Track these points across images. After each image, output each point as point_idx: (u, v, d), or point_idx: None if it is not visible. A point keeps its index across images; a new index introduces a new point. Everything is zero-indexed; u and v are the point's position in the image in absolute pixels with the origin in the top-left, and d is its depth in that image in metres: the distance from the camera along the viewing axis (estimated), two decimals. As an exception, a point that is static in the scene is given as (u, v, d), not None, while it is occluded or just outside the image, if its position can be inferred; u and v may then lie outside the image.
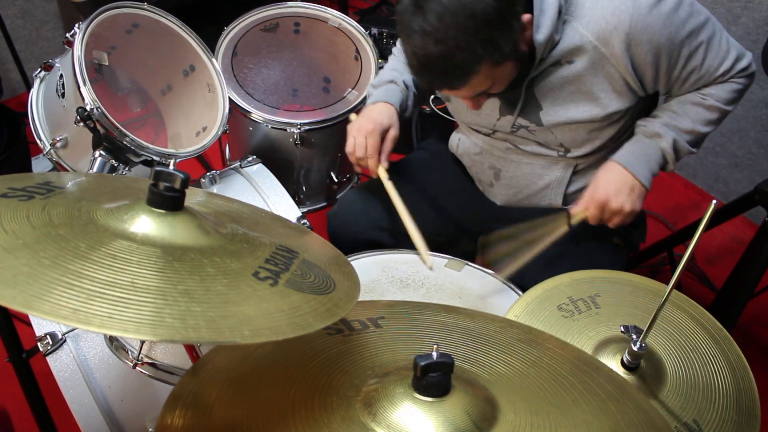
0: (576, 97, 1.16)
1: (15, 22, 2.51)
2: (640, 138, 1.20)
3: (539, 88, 1.17)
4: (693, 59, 1.12)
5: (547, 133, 1.22)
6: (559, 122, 1.19)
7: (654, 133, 1.18)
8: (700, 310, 0.99)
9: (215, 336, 0.54)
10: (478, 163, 1.39)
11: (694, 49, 1.11)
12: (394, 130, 1.29)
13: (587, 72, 1.12)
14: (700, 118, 1.19)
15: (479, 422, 0.64)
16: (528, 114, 1.21)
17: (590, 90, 1.14)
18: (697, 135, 1.20)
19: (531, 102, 1.19)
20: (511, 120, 1.24)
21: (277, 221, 0.93)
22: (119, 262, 0.59)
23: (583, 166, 1.29)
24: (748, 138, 2.18)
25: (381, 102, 1.33)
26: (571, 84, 1.15)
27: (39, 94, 1.44)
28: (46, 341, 1.18)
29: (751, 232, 1.52)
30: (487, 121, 1.28)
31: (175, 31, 1.50)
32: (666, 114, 1.20)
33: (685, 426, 0.81)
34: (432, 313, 0.86)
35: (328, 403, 0.67)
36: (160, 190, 0.67)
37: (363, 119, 1.30)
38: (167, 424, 0.63)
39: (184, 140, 1.59)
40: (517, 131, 1.25)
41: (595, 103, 1.15)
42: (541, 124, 1.21)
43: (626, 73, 1.11)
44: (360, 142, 1.28)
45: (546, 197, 1.33)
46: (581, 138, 1.21)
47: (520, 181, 1.33)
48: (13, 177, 0.73)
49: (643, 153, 1.17)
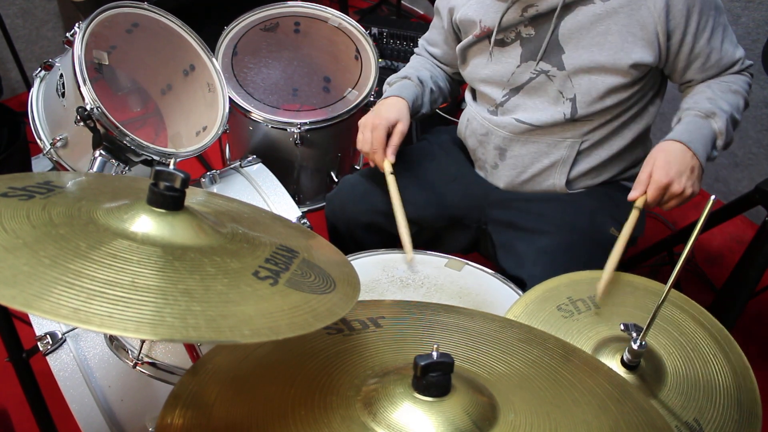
0: (602, 39, 1.16)
1: (15, 21, 2.51)
2: (693, 119, 1.17)
3: (565, 30, 1.19)
4: (716, 35, 1.16)
5: (565, 81, 1.23)
6: (582, 65, 1.19)
7: (709, 112, 1.15)
8: (700, 310, 0.99)
9: (215, 335, 0.54)
10: (484, 144, 1.40)
11: (717, 24, 1.16)
12: (401, 125, 1.31)
13: (623, 10, 1.13)
14: (735, 103, 1.19)
15: (479, 422, 0.64)
16: (550, 57, 1.22)
17: (619, 31, 1.15)
18: (735, 122, 1.19)
19: (554, 45, 1.21)
20: (532, 65, 1.25)
21: (277, 221, 0.93)
22: (119, 261, 0.58)
23: (587, 145, 1.29)
24: (748, 138, 2.18)
25: (392, 96, 1.35)
26: (601, 23, 1.15)
27: (39, 94, 1.44)
28: (46, 341, 1.18)
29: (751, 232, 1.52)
30: (506, 70, 1.29)
31: (175, 31, 1.50)
32: (704, 98, 1.18)
33: (686, 425, 0.81)
34: (432, 313, 0.86)
35: (328, 402, 0.67)
36: (161, 189, 0.67)
37: (371, 115, 1.32)
38: (167, 424, 0.63)
39: (184, 140, 1.59)
40: (537, 77, 1.25)
41: (621, 47, 1.16)
42: (563, 67, 1.21)
43: (659, 21, 1.12)
44: (366, 136, 1.30)
45: (550, 177, 1.34)
46: (596, 92, 1.21)
47: (525, 160, 1.34)
48: (13, 176, 0.73)
49: (700, 132, 1.14)
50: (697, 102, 1.19)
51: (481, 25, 1.28)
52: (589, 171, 1.33)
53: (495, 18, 1.25)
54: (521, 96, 1.30)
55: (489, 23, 1.27)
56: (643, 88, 1.24)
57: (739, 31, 2.05)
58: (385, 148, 1.29)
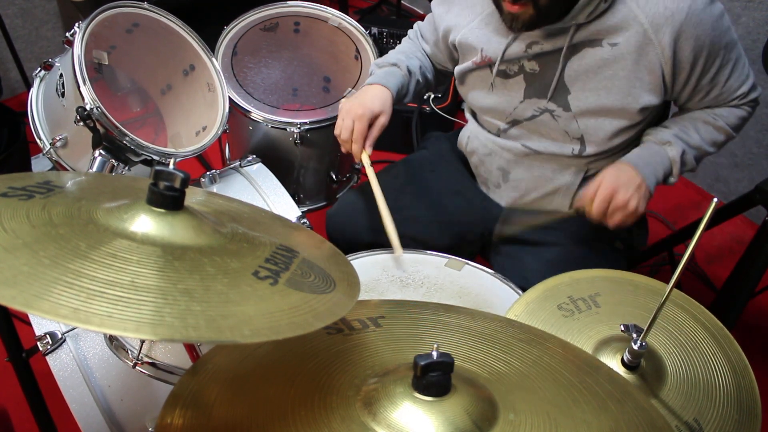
0: (609, 84, 1.14)
1: (15, 21, 2.51)
2: (649, 145, 1.20)
3: (571, 71, 1.16)
4: (722, 73, 1.15)
5: (571, 121, 1.21)
6: (589, 108, 1.18)
7: (664, 141, 1.18)
8: (701, 309, 0.99)
9: (215, 335, 0.54)
10: (486, 163, 1.38)
11: (725, 62, 1.13)
12: (384, 117, 1.27)
13: (630, 55, 1.11)
14: (708, 138, 1.21)
15: (479, 422, 0.64)
16: (556, 97, 1.20)
17: (627, 77, 1.13)
18: (702, 153, 1.21)
19: (561, 85, 1.18)
20: (536, 103, 1.22)
21: (277, 220, 0.93)
22: (119, 261, 0.58)
23: (593, 172, 1.28)
24: (748, 138, 2.18)
25: (378, 85, 1.31)
26: (608, 67, 1.13)
27: (39, 94, 1.44)
28: (46, 341, 1.18)
29: (752, 232, 1.52)
30: (509, 104, 1.26)
31: (175, 31, 1.50)
32: (676, 127, 1.20)
33: (686, 425, 0.81)
34: (432, 312, 0.86)
35: (328, 402, 0.67)
36: (160, 189, 0.67)
37: (355, 102, 1.28)
38: (167, 424, 0.63)
39: (183, 140, 1.59)
40: (540, 115, 1.23)
41: (628, 93, 1.14)
42: (569, 108, 1.19)
43: (667, 65, 1.11)
44: (347, 125, 1.26)
45: (553, 201, 1.32)
46: (603, 133, 1.20)
47: (529, 184, 1.33)
48: (13, 176, 0.73)
49: (651, 158, 1.17)
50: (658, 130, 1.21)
51: (483, 54, 1.24)
52: None
53: (498, 49, 1.21)
54: (525, 127, 1.28)
55: (491, 54, 1.23)
56: (649, 122, 1.24)
57: (740, 31, 2.05)
58: (365, 139, 1.27)
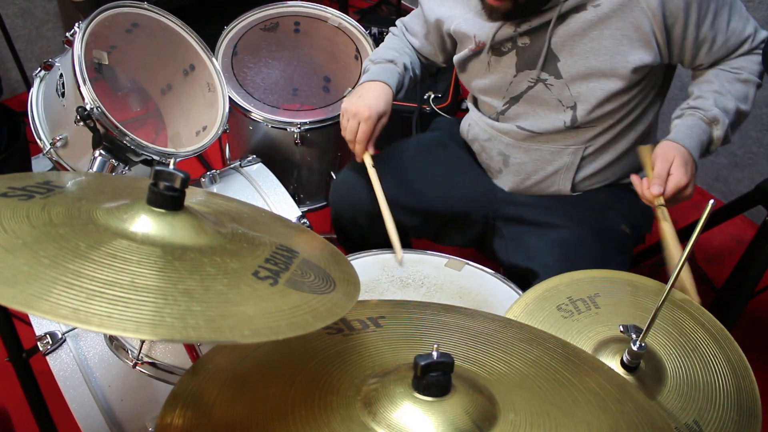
0: (596, 45, 1.14)
1: (15, 21, 2.51)
2: (697, 123, 1.16)
3: (558, 38, 1.17)
4: (720, 15, 1.12)
5: (563, 89, 1.21)
6: (579, 72, 1.18)
7: (713, 119, 1.15)
8: (701, 310, 0.99)
9: (215, 335, 0.54)
10: (487, 149, 1.39)
11: (721, 4, 1.11)
12: (385, 117, 1.30)
13: (614, 14, 1.10)
14: (741, 95, 1.17)
15: (479, 422, 0.64)
16: (547, 66, 1.21)
17: (613, 35, 1.12)
18: (740, 116, 1.18)
19: (549, 54, 1.19)
20: (528, 74, 1.23)
21: (277, 221, 0.93)
22: (119, 261, 0.58)
23: (591, 151, 1.29)
24: (748, 137, 2.18)
25: (379, 81, 1.32)
26: (594, 29, 1.13)
27: (39, 94, 1.44)
28: (46, 341, 1.18)
29: (752, 232, 1.51)
30: (503, 79, 1.27)
31: (175, 31, 1.50)
32: (712, 95, 1.17)
33: (686, 426, 0.81)
34: (432, 312, 0.86)
35: (328, 402, 0.67)
36: (160, 189, 0.67)
37: (359, 101, 1.29)
38: (167, 424, 0.63)
39: (184, 140, 1.59)
40: (535, 85, 1.24)
41: (616, 52, 1.13)
42: (560, 76, 1.20)
43: (655, 20, 1.09)
44: (352, 126, 1.28)
45: (554, 183, 1.33)
46: (595, 99, 1.20)
47: (529, 167, 1.33)
48: (13, 176, 0.73)
49: (699, 139, 1.14)
50: (703, 99, 1.17)
51: (476, 40, 1.27)
52: (594, 174, 1.32)
53: (489, 33, 1.24)
54: (521, 105, 1.29)
55: (483, 38, 1.25)
56: (644, 90, 1.23)
57: (739, 31, 2.05)
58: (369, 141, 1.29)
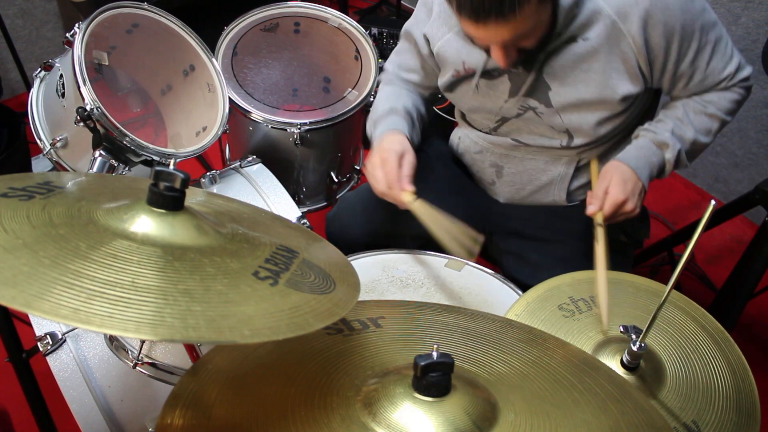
0: (586, 77, 1.15)
1: (15, 22, 2.51)
2: (647, 144, 1.19)
3: (549, 68, 1.16)
4: (701, 56, 1.14)
5: (554, 116, 1.21)
6: (569, 103, 1.18)
7: (663, 143, 1.19)
8: (701, 312, 0.99)
9: (215, 336, 0.54)
10: (478, 162, 1.38)
11: (703, 45, 1.13)
12: (409, 155, 1.21)
13: (602, 47, 1.12)
14: (702, 128, 1.21)
15: (479, 422, 0.64)
16: (537, 94, 1.20)
17: (603, 69, 1.13)
18: (697, 146, 1.22)
19: (540, 82, 1.19)
20: (519, 101, 1.22)
21: (277, 221, 0.93)
22: (119, 261, 0.58)
23: (586, 161, 1.29)
24: (748, 138, 2.18)
25: (387, 133, 1.27)
26: (583, 61, 1.14)
27: (39, 94, 1.44)
28: (46, 341, 1.18)
29: (751, 232, 1.52)
30: (495, 104, 1.26)
31: (175, 31, 1.50)
32: (672, 121, 1.20)
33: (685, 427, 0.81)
34: (432, 313, 0.86)
35: (328, 403, 0.67)
36: (160, 189, 0.67)
37: (374, 156, 1.23)
38: (167, 424, 0.63)
39: (184, 140, 1.59)
40: (524, 113, 1.24)
41: (606, 84, 1.15)
42: (550, 105, 1.20)
43: (640, 53, 1.11)
44: (378, 176, 1.19)
45: (549, 194, 1.33)
46: (588, 125, 1.20)
47: (523, 178, 1.33)
48: (13, 177, 0.73)
49: (648, 160, 1.18)
50: (662, 123, 1.21)
51: (465, 66, 1.23)
52: (589, 183, 1.32)
53: (479, 60, 1.20)
54: (513, 125, 1.28)
55: (473, 64, 1.21)
56: (635, 109, 1.23)
57: (739, 31, 2.05)
58: (400, 180, 1.18)
